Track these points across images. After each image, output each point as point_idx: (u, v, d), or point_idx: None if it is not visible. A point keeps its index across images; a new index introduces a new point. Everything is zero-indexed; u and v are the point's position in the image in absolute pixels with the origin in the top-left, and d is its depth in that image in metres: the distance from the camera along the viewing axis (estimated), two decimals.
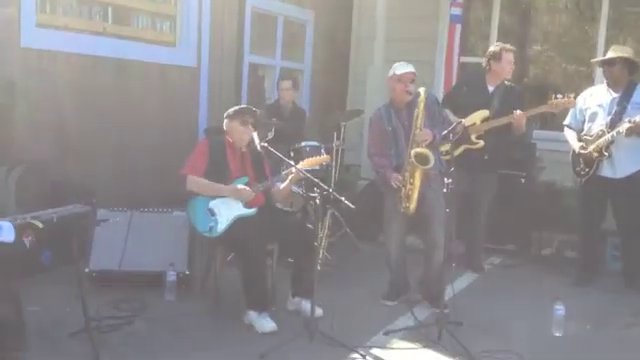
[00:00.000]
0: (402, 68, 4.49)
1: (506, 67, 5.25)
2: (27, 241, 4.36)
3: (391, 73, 4.54)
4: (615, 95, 5.02)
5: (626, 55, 5.01)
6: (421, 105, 4.34)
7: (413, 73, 4.49)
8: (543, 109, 5.08)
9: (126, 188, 5.50)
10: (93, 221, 4.54)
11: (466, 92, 5.44)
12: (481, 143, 5.23)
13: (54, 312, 3.98)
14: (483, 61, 5.40)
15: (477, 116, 5.26)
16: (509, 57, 5.24)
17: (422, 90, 4.38)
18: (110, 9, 5.62)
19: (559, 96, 5.00)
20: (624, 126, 4.79)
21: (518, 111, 5.04)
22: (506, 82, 5.34)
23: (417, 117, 4.35)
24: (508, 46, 5.29)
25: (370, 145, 4.70)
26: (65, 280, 4.14)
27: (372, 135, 4.66)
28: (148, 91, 5.94)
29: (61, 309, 4.00)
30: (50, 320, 3.87)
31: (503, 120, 5.13)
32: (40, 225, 4.24)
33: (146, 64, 5.90)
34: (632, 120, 4.76)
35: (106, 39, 5.57)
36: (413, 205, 4.38)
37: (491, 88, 5.32)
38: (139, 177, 5.69)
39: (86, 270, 4.37)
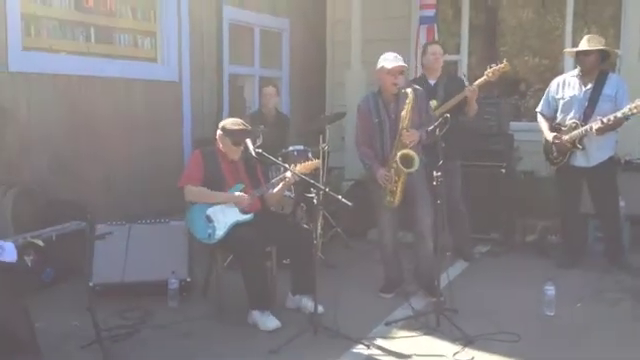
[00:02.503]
0: (391, 61, 4.53)
1: (430, 57, 5.45)
2: (29, 260, 4.46)
3: (380, 65, 4.58)
4: (588, 86, 5.20)
5: (603, 47, 5.17)
6: (408, 107, 4.41)
7: (403, 66, 4.55)
8: (483, 80, 5.28)
9: (119, 203, 5.59)
10: (91, 236, 4.64)
11: None
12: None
13: (61, 327, 4.03)
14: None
15: None
16: (433, 49, 5.48)
17: (409, 91, 4.43)
18: (92, 29, 5.72)
19: (493, 65, 5.27)
20: (596, 125, 4.97)
21: (470, 85, 5.26)
22: (447, 75, 5.59)
23: (404, 118, 4.43)
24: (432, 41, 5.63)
25: (358, 133, 4.75)
26: (66, 296, 4.23)
27: (360, 123, 4.72)
28: (134, 106, 6.04)
29: (67, 324, 4.06)
30: (59, 335, 3.92)
31: (457, 98, 5.30)
32: (41, 244, 4.34)
33: (130, 81, 6.00)
34: (602, 120, 4.94)
35: (90, 58, 5.66)
36: (397, 200, 4.52)
37: (432, 81, 5.51)
38: (130, 192, 5.79)
39: (90, 284, 4.44)
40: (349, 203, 4.05)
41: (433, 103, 5.38)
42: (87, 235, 4.67)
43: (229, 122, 4.49)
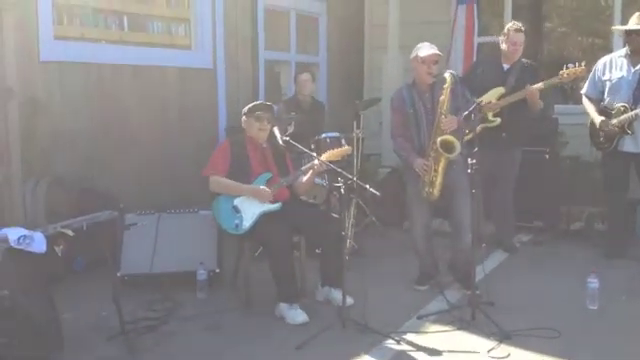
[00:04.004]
0: (425, 50, 4.40)
1: (510, 47, 5.18)
2: (59, 250, 4.48)
3: (414, 54, 4.46)
4: (638, 67, 4.92)
5: None
6: (447, 91, 4.27)
7: (437, 54, 4.40)
8: (555, 81, 5.01)
9: (151, 193, 5.58)
10: (122, 226, 4.64)
11: (482, 73, 5.40)
12: (498, 121, 5.19)
13: (90, 317, 4.05)
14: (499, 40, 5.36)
15: (493, 94, 5.23)
16: (515, 38, 5.15)
17: (448, 75, 4.30)
18: (125, 17, 5.69)
19: (570, 66, 4.94)
20: None
21: (529, 86, 4.99)
22: (523, 60, 5.28)
23: (443, 103, 4.29)
24: (516, 26, 5.20)
25: (393, 126, 4.63)
26: (98, 285, 4.24)
27: (395, 116, 4.59)
28: (167, 95, 6.02)
29: (96, 314, 4.07)
30: (87, 325, 3.94)
31: (517, 95, 5.08)
32: (71, 233, 4.36)
33: (164, 69, 5.97)
34: None
35: (123, 47, 5.65)
36: (437, 191, 4.36)
37: (506, 66, 5.27)
38: (162, 181, 5.78)
39: (118, 274, 4.44)
40: (377, 193, 3.92)
41: (500, 90, 5.19)
42: (118, 225, 4.67)
43: (251, 104, 4.47)
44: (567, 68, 4.94)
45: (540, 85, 4.99)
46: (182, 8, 6.25)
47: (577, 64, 4.93)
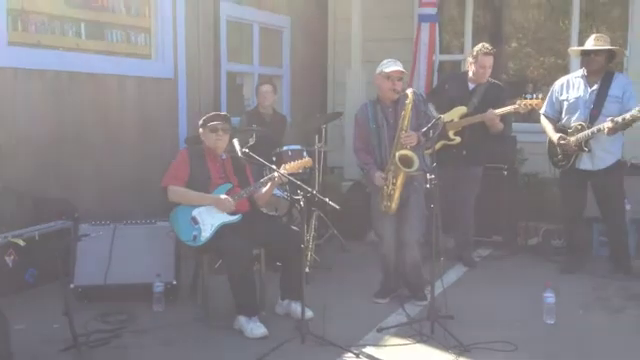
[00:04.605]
0: (390, 66, 4.43)
1: (479, 70, 5.27)
2: (9, 260, 4.34)
3: (379, 70, 4.49)
4: (594, 87, 5.03)
5: (610, 47, 5.01)
6: (408, 107, 4.30)
7: (402, 71, 4.44)
8: (511, 109, 5.10)
9: (109, 203, 5.45)
10: (75, 236, 4.51)
11: (448, 89, 5.49)
12: (458, 139, 5.27)
13: (42, 329, 3.92)
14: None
15: (454, 113, 5.30)
16: (484, 61, 5.24)
17: (410, 92, 4.34)
18: (83, 24, 5.57)
19: (528, 96, 5.07)
20: (606, 125, 4.78)
21: (490, 111, 5.06)
22: (489, 80, 5.36)
23: (403, 118, 4.33)
24: (485, 49, 5.27)
25: (356, 140, 4.65)
26: (50, 297, 4.11)
27: (358, 130, 4.62)
28: (126, 104, 5.90)
29: (49, 326, 3.94)
30: (39, 338, 3.81)
31: (476, 118, 5.18)
32: (22, 243, 4.22)
33: (122, 77, 5.86)
34: (614, 120, 4.75)
35: (81, 54, 5.52)
36: (395, 205, 4.39)
37: (472, 86, 5.35)
38: (121, 191, 5.65)
39: (71, 286, 4.31)
40: (337, 206, 3.90)
41: (462, 110, 5.25)
42: (72, 235, 4.54)
43: (205, 116, 4.42)
44: (525, 98, 5.05)
45: (498, 112, 5.07)
46: (143, 17, 6.15)
47: (535, 96, 5.06)
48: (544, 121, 5.33)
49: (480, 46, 5.33)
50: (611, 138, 4.90)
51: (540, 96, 5.09)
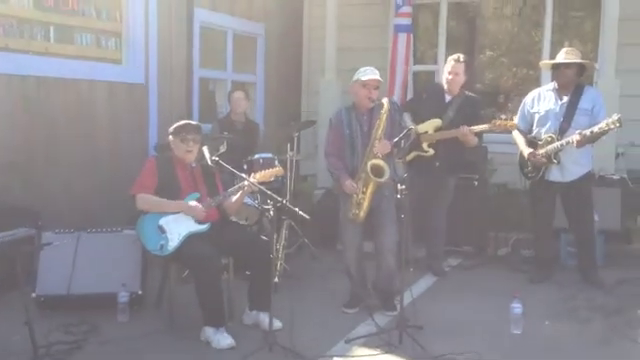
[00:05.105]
0: (367, 74, 4.43)
1: (448, 77, 5.31)
2: None
3: (355, 78, 4.49)
4: (564, 100, 5.08)
5: (585, 61, 5.08)
6: (383, 117, 4.32)
7: (378, 80, 4.45)
8: (485, 128, 5.13)
9: (76, 209, 5.36)
10: (38, 244, 4.41)
11: (425, 100, 5.51)
12: (431, 152, 5.28)
13: (1, 341, 3.82)
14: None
15: (430, 125, 5.31)
16: (456, 68, 5.27)
17: (385, 101, 4.35)
18: (52, 28, 5.49)
19: (502, 117, 5.13)
20: (574, 137, 4.83)
21: (464, 127, 5.09)
22: (466, 92, 5.39)
23: (378, 127, 4.33)
24: (456, 56, 5.33)
25: (328, 144, 4.64)
26: (10, 307, 4.00)
27: (331, 135, 4.61)
28: (95, 109, 5.83)
29: (7, 337, 3.84)
30: None
31: (450, 133, 5.19)
32: None
33: (92, 82, 5.79)
34: (582, 133, 4.80)
35: (49, 59, 5.43)
36: (363, 213, 4.39)
37: (448, 98, 5.37)
38: (89, 198, 5.56)
39: (33, 295, 4.22)
40: (307, 216, 3.88)
41: (437, 122, 5.25)
42: (35, 243, 4.44)
43: (178, 123, 4.34)
44: (500, 119, 5.10)
45: (473, 129, 5.10)
46: (114, 22, 6.08)
47: (510, 117, 5.13)
48: (516, 134, 5.35)
49: (454, 55, 5.39)
50: (581, 150, 4.95)
51: (515, 118, 5.18)
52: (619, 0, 5.98)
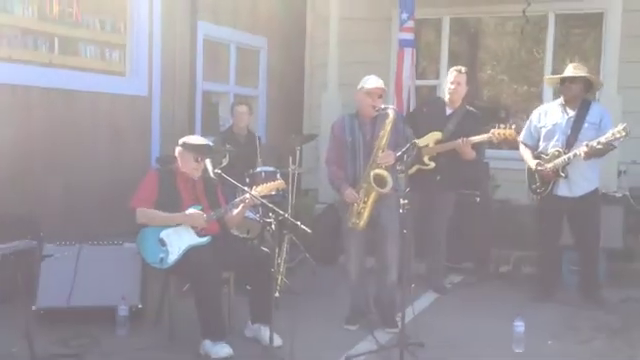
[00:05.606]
0: (372, 82, 4.44)
1: (450, 87, 5.32)
2: None
3: (360, 86, 4.49)
4: (571, 114, 5.08)
5: (591, 76, 5.09)
6: (388, 127, 4.31)
7: (382, 89, 4.45)
8: (485, 138, 5.13)
9: (77, 222, 5.34)
10: (40, 256, 4.39)
11: (425, 113, 5.51)
12: (432, 165, 5.27)
13: (0, 352, 3.78)
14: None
15: (430, 138, 5.31)
16: (458, 78, 5.29)
17: (391, 111, 4.35)
18: (57, 40, 5.51)
19: (501, 126, 5.10)
20: (582, 149, 4.83)
21: (462, 139, 5.09)
22: (467, 106, 5.39)
23: (382, 137, 4.33)
24: (457, 67, 5.37)
25: (329, 152, 4.63)
26: (10, 319, 3.98)
27: (333, 143, 4.61)
28: (98, 121, 5.83)
29: (7, 349, 3.80)
30: None
31: (450, 145, 5.18)
32: None
33: (95, 94, 5.79)
34: (589, 144, 4.80)
35: (53, 70, 5.44)
36: (363, 222, 4.37)
37: (449, 111, 5.37)
38: (90, 210, 5.54)
39: (33, 307, 4.19)
40: (308, 230, 3.85)
41: (437, 135, 5.25)
42: (36, 254, 4.41)
43: (191, 138, 4.34)
44: (498, 128, 5.08)
45: (473, 139, 5.10)
46: (118, 34, 6.10)
47: (508, 126, 5.09)
48: (522, 148, 5.35)
49: (455, 67, 5.42)
50: (588, 164, 4.94)
51: (513, 126, 5.13)
52: (621, 17, 6.00)
